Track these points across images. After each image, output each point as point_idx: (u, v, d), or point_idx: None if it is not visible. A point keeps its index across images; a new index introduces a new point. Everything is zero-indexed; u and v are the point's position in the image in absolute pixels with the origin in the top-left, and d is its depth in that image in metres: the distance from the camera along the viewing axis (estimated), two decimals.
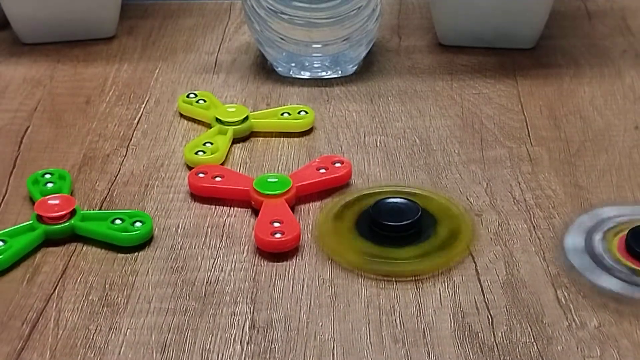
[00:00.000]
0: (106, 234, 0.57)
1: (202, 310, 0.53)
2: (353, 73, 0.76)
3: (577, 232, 0.57)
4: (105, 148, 0.67)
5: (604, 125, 0.69)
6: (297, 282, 0.55)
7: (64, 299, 0.54)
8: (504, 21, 0.78)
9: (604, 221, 0.58)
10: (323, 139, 0.68)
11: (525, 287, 0.54)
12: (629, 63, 0.77)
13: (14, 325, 0.52)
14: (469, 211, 0.60)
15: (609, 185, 0.62)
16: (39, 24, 0.80)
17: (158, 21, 0.86)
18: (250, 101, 0.73)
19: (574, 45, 0.80)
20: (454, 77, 0.76)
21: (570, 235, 0.57)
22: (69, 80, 0.76)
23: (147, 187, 0.63)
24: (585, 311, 0.52)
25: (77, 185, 0.63)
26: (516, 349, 0.50)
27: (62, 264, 0.56)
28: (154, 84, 0.76)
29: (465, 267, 0.56)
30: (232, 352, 0.50)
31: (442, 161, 0.65)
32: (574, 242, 0.56)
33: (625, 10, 0.86)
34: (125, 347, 0.50)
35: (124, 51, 0.81)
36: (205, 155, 0.65)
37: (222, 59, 0.80)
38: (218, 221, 0.60)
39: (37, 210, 0.58)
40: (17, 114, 0.72)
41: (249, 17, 0.75)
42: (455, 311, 0.52)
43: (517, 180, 0.63)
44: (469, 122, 0.70)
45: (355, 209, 0.60)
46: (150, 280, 0.55)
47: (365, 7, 0.72)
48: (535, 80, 0.75)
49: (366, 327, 0.51)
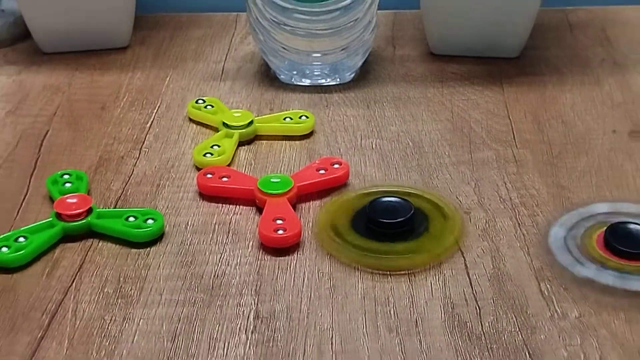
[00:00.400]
0: (120, 231, 0.57)
1: (209, 302, 0.53)
2: (350, 80, 0.76)
3: (559, 228, 0.57)
4: (120, 150, 0.67)
5: (584, 130, 0.69)
6: (298, 275, 0.55)
7: (81, 291, 0.54)
8: (491, 32, 0.78)
9: (584, 219, 0.58)
10: (322, 142, 0.68)
11: (511, 280, 0.54)
12: (607, 71, 0.77)
13: (34, 316, 0.52)
14: (458, 209, 0.60)
15: (589, 185, 0.62)
16: (58, 35, 0.80)
17: (169, 32, 0.86)
18: (254, 106, 0.73)
19: (556, 55, 0.80)
20: (445, 85, 0.76)
21: (553, 232, 0.57)
22: (86, 87, 0.77)
23: (159, 187, 0.63)
24: (566, 302, 0.52)
25: (94, 185, 0.63)
26: (502, 337, 0.50)
27: (79, 258, 0.56)
28: (165, 90, 0.76)
29: (454, 261, 0.56)
30: (237, 340, 0.50)
31: (434, 162, 0.65)
32: (556, 238, 0.56)
33: (605, 22, 0.86)
34: (138, 336, 0.50)
35: (137, 60, 0.81)
36: (213, 157, 0.65)
37: (228, 67, 0.80)
38: (224, 219, 0.60)
39: (56, 208, 0.58)
40: (38, 118, 0.72)
41: (253, 28, 0.75)
42: (445, 302, 0.52)
43: (503, 180, 0.63)
44: (459, 126, 0.70)
45: (353, 207, 0.60)
46: (162, 273, 0.55)
47: (362, 19, 0.72)
48: (520, 88, 0.75)
49: (362, 317, 0.51)
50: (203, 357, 0.49)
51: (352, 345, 0.49)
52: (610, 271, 0.53)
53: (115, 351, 0.49)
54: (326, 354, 0.49)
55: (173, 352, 0.49)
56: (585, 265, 0.54)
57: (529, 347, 0.49)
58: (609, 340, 0.49)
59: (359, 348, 0.49)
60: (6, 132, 0.70)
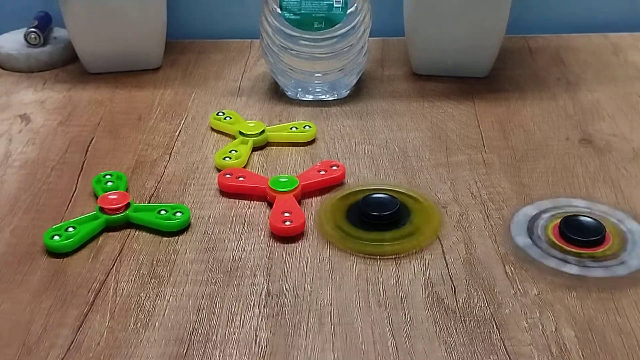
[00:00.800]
0: (153, 222, 0.57)
1: (228, 281, 0.53)
2: (346, 96, 0.76)
3: (521, 220, 0.57)
4: (153, 155, 0.67)
5: (542, 137, 0.69)
6: (302, 259, 0.55)
7: (121, 273, 0.54)
8: (464, 56, 0.77)
9: (542, 212, 0.58)
10: (323, 147, 0.68)
11: (481, 264, 0.54)
12: (561, 89, 0.77)
13: (82, 293, 0.52)
14: (436, 204, 0.60)
15: (546, 184, 0.62)
16: (101, 58, 0.80)
17: (194, 56, 0.86)
18: (266, 118, 0.73)
19: (519, 75, 0.80)
20: (425, 99, 0.76)
21: (516, 223, 0.57)
22: (125, 101, 0.76)
23: (186, 185, 0.63)
24: (527, 282, 0.52)
25: (131, 184, 0.63)
26: (473, 311, 0.50)
27: (119, 245, 0.56)
28: (191, 104, 0.76)
29: (433, 248, 0.55)
30: (251, 314, 0.50)
31: (416, 165, 0.65)
32: (519, 228, 0.56)
33: (559, 47, 0.86)
34: (168, 310, 0.50)
35: (167, 79, 0.81)
36: (231, 160, 0.65)
37: (244, 85, 0.79)
38: (241, 212, 0.60)
39: (100, 203, 0.58)
40: (84, 128, 0.72)
41: (265, 52, 0.75)
42: (425, 282, 0.52)
43: (474, 180, 0.63)
44: (437, 134, 0.70)
45: (348, 202, 0.60)
46: (188, 258, 0.55)
47: (356, 44, 0.72)
48: (489, 102, 0.75)
49: (356, 294, 0.51)
50: (223, 328, 0.49)
51: (347, 318, 0.49)
52: (565, 256, 0.53)
53: (149, 323, 0.49)
54: (326, 325, 0.49)
55: (197, 324, 0.49)
56: (544, 251, 0.54)
57: (496, 320, 0.49)
58: (562, 313, 0.49)
59: (354, 320, 0.49)
60: (58, 139, 0.70)
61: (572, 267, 0.52)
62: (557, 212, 0.58)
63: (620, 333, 0.48)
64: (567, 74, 0.80)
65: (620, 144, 0.67)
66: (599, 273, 0.52)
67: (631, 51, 0.84)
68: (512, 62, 0.83)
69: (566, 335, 0.48)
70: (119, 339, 0.48)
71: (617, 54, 0.84)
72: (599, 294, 0.51)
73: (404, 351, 0.47)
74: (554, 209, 0.58)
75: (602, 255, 0.53)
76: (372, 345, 0.47)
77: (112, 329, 0.49)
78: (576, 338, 0.48)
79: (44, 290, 0.52)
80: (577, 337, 0.48)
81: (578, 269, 0.52)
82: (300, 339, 0.48)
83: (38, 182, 0.64)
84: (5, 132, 0.71)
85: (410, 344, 0.47)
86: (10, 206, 0.61)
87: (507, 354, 0.47)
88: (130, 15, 0.77)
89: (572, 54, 0.84)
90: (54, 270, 0.54)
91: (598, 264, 0.53)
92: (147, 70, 0.82)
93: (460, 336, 0.48)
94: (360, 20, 0.72)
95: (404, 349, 0.47)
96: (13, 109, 0.75)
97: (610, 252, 0.54)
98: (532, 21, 0.89)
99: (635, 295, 0.51)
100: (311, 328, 0.49)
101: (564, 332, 0.48)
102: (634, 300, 0.50)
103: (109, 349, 0.47)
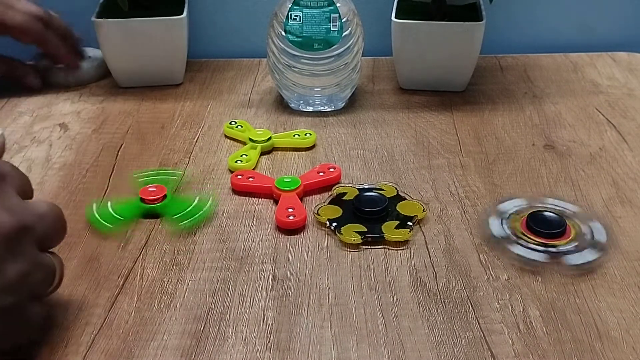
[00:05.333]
0: (185, 211, 0.58)
1: (239, 268, 0.53)
2: (342, 107, 0.76)
3: (493, 215, 0.57)
4: (174, 158, 0.67)
5: (511, 143, 0.69)
6: (304, 249, 0.55)
7: (147, 260, 0.54)
8: (444, 73, 0.77)
9: (511, 208, 0.58)
10: (322, 152, 0.68)
11: (458, 253, 0.54)
12: (528, 101, 0.77)
13: (112, 277, 0.52)
14: (420, 201, 0.60)
15: (515, 184, 0.62)
16: (131, 74, 0.80)
17: (210, 73, 0.86)
18: (272, 126, 0.73)
19: (491, 89, 0.80)
20: (410, 111, 0.76)
21: (489, 218, 0.57)
22: (150, 112, 0.76)
23: (203, 185, 0.63)
24: (498, 269, 0.52)
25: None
26: (452, 294, 0.50)
27: (145, 237, 0.56)
28: (207, 115, 0.76)
29: (417, 239, 0.55)
30: (260, 296, 0.50)
31: (402, 167, 0.65)
32: (492, 222, 0.56)
33: (526, 65, 0.86)
34: (187, 293, 0.50)
35: (187, 93, 0.81)
36: (242, 163, 0.65)
37: (253, 98, 0.79)
38: (250, 208, 0.60)
39: (141, 194, 0.58)
40: (115, 135, 0.72)
41: (271, 69, 0.74)
42: (411, 269, 0.52)
43: (453, 180, 0.63)
44: (420, 141, 0.70)
45: (344, 199, 0.60)
46: (205, 247, 0.55)
47: (350, 63, 0.72)
48: (465, 113, 0.75)
49: (351, 279, 0.51)
50: (235, 308, 0.49)
51: (343, 300, 0.49)
52: (532, 246, 0.53)
53: (171, 303, 0.49)
54: (324, 306, 0.49)
55: (213, 304, 0.49)
56: (513, 241, 0.54)
57: (472, 301, 0.49)
58: (529, 296, 0.49)
59: (348, 302, 0.49)
60: (92, 145, 0.70)
61: (538, 255, 0.52)
62: (525, 208, 0.58)
63: (579, 312, 0.48)
64: (533, 88, 0.80)
65: (579, 149, 0.67)
66: (561, 261, 0.52)
67: (588, 69, 0.84)
68: (485, 78, 0.83)
69: (532, 314, 0.48)
70: (145, 318, 0.48)
71: (576, 71, 0.84)
72: (561, 278, 0.51)
73: (391, 328, 0.47)
74: (521, 205, 0.58)
75: (564, 246, 0.53)
76: (364, 323, 0.47)
77: (139, 309, 0.49)
78: (541, 317, 0.48)
79: (80, 275, 0.52)
80: (541, 316, 0.48)
81: (543, 257, 0.52)
82: (302, 317, 0.48)
83: (75, 181, 0.64)
84: (47, 138, 0.71)
85: (397, 321, 0.47)
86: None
87: (481, 330, 0.47)
88: (157, 39, 0.77)
89: (537, 71, 0.84)
90: (89, 258, 0.54)
91: (560, 253, 0.53)
92: (170, 85, 0.82)
93: (440, 315, 0.48)
94: (354, 42, 0.72)
95: (392, 326, 0.47)
96: (53, 118, 0.75)
97: (570, 243, 0.54)
98: (503, 43, 0.89)
99: (591, 280, 0.51)
100: (311, 308, 0.49)
101: (530, 311, 0.48)
102: (590, 284, 0.50)
103: (136, 327, 0.47)
